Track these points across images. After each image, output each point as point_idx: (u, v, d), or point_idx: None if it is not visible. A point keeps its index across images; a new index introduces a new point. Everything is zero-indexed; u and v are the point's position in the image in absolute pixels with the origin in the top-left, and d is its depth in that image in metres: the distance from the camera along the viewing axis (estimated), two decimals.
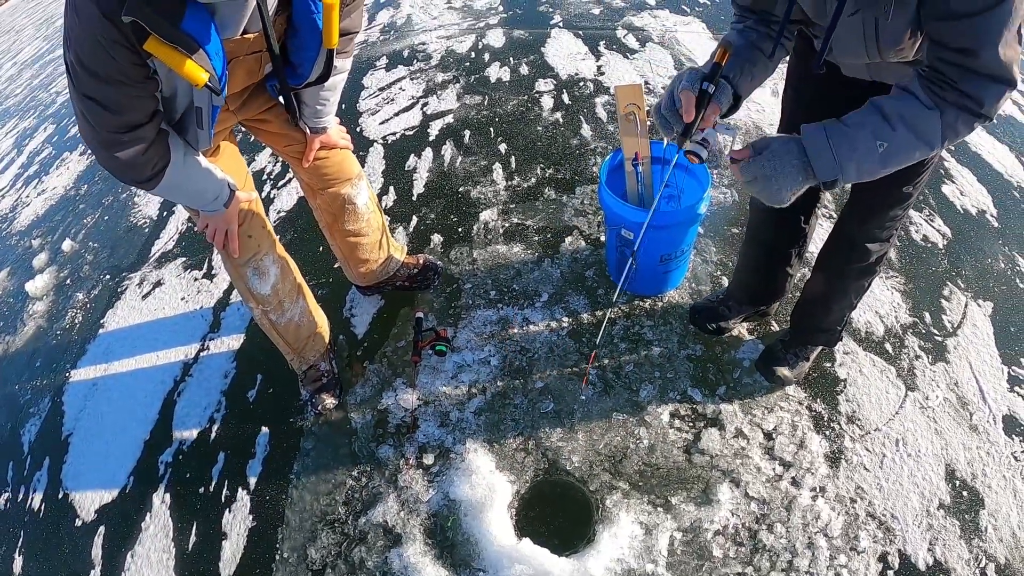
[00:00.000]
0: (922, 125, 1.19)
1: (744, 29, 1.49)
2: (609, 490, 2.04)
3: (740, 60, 1.44)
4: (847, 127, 1.24)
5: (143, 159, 1.45)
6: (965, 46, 1.11)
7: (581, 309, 2.56)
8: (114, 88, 1.31)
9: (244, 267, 2.03)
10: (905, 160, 1.26)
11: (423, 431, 2.25)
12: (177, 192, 1.67)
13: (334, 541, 2.02)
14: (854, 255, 1.87)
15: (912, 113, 1.19)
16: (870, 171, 1.27)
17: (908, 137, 1.20)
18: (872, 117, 1.22)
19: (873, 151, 1.22)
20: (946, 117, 1.18)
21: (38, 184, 4.46)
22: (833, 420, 2.15)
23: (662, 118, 1.40)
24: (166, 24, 1.22)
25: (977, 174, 3.00)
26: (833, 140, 1.24)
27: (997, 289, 2.51)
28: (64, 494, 2.34)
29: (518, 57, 4.21)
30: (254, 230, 2.01)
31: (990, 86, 1.14)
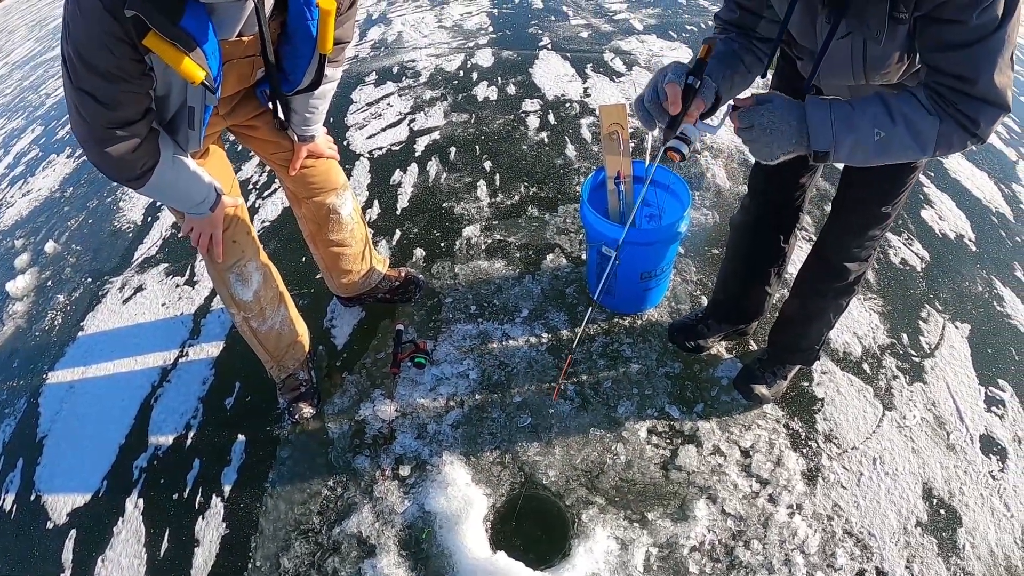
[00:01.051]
0: (921, 127, 1.21)
1: (726, 39, 1.50)
2: (585, 505, 2.02)
3: (722, 65, 1.44)
4: (851, 107, 1.25)
5: (132, 156, 1.45)
6: (962, 74, 1.14)
7: (560, 325, 2.56)
8: (111, 83, 1.32)
9: (227, 272, 2.01)
10: (897, 155, 1.27)
11: (400, 442, 2.22)
12: (164, 192, 1.66)
13: (307, 551, 1.98)
14: (832, 274, 1.89)
15: (914, 113, 1.21)
16: (862, 156, 1.27)
17: (905, 134, 1.22)
18: (876, 106, 1.23)
19: (870, 137, 1.24)
20: (944, 126, 1.21)
21: (23, 185, 4.42)
22: (810, 438, 2.15)
23: (645, 112, 1.37)
24: (166, 20, 1.24)
25: (956, 200, 3.05)
26: (835, 114, 1.24)
27: (975, 311, 2.54)
28: (36, 496, 2.30)
29: (506, 77, 4.25)
30: (238, 236, 1.99)
31: (987, 109, 1.17)
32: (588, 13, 5.12)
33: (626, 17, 4.95)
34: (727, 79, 1.44)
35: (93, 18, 1.24)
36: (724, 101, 1.45)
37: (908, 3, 1.14)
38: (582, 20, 4.97)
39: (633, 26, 4.80)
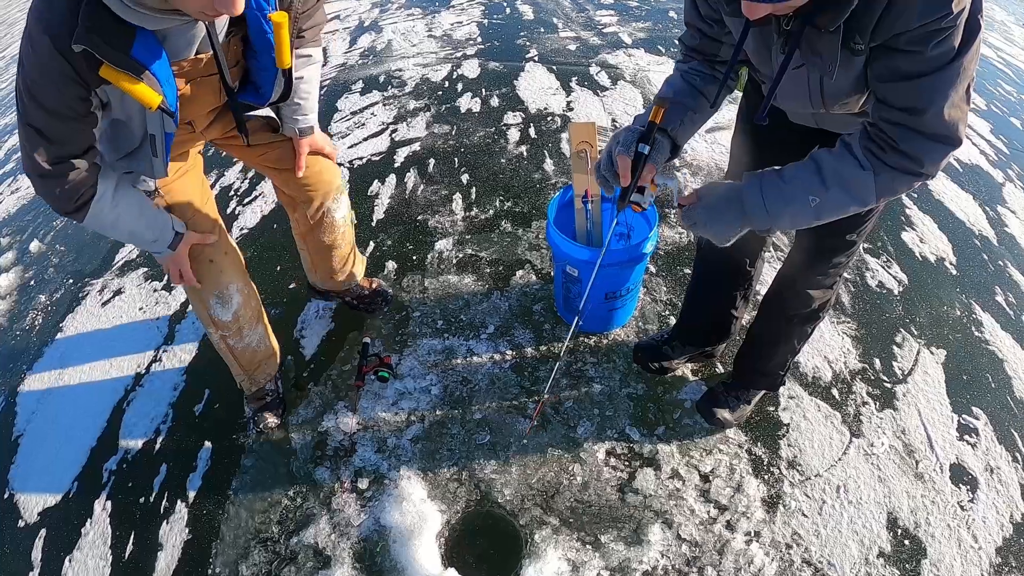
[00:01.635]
0: (855, 185, 1.21)
1: (688, 72, 1.51)
2: (539, 525, 1.99)
3: (682, 109, 1.45)
4: (782, 182, 1.28)
5: (67, 190, 1.46)
6: (910, 105, 1.12)
7: (526, 343, 2.52)
8: (57, 120, 1.34)
9: (207, 295, 1.99)
10: (839, 214, 1.29)
11: (360, 455, 2.21)
12: (110, 229, 1.64)
13: (265, 559, 1.97)
14: (796, 301, 1.85)
15: (847, 173, 1.21)
16: (805, 222, 1.31)
17: (840, 195, 1.23)
18: (808, 173, 1.26)
19: (805, 205, 1.26)
20: (881, 178, 1.20)
21: (12, 182, 4.38)
22: (773, 464, 2.10)
23: (602, 177, 1.44)
24: (115, 51, 1.26)
25: (938, 222, 3.00)
26: (767, 193, 1.28)
27: (952, 337, 2.49)
28: (10, 494, 2.29)
29: (490, 89, 4.24)
30: (216, 255, 1.94)
31: (932, 146, 1.14)
32: (578, 26, 5.11)
33: (616, 31, 4.94)
34: (688, 122, 1.48)
35: (43, 56, 1.25)
36: (685, 141, 1.51)
37: (864, 33, 1.11)
38: (571, 32, 4.96)
39: (622, 40, 4.78)
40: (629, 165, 1.36)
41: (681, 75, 1.51)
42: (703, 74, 1.50)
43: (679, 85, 1.50)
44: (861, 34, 1.11)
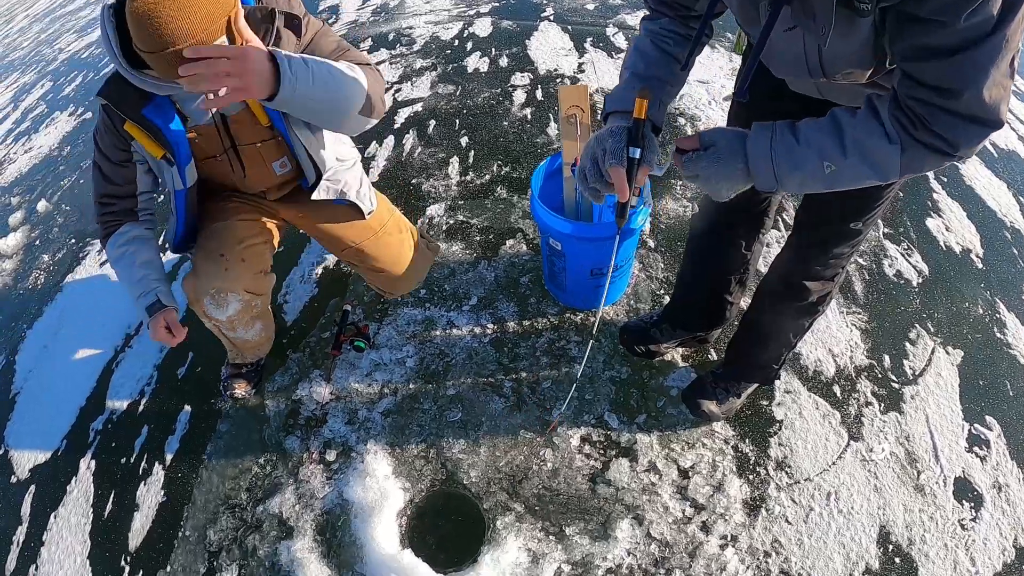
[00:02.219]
0: (879, 157, 1.04)
1: (659, 33, 1.30)
2: (503, 511, 1.90)
3: (659, 86, 1.26)
4: (796, 142, 1.09)
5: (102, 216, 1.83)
6: (943, 85, 0.92)
7: (508, 317, 2.39)
8: (105, 161, 1.74)
9: (202, 295, 1.89)
10: (854, 184, 1.11)
11: (330, 426, 2.17)
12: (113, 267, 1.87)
13: (232, 525, 1.98)
14: (792, 293, 1.68)
15: (871, 143, 1.03)
16: (813, 188, 1.15)
17: (860, 165, 1.06)
18: (827, 136, 1.07)
19: (819, 171, 1.08)
20: (908, 154, 1.01)
21: (27, 142, 4.46)
22: (760, 464, 1.96)
23: (592, 190, 1.24)
24: (130, 109, 1.58)
25: (967, 209, 2.76)
26: (776, 152, 1.10)
27: (971, 337, 2.28)
28: (5, 451, 2.36)
29: (500, 48, 4.05)
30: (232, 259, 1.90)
31: (969, 128, 0.95)
32: None
33: None
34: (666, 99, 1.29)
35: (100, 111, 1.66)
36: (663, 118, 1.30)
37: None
38: None
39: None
40: (624, 177, 1.16)
41: (651, 40, 1.30)
42: (676, 35, 1.29)
43: (651, 54, 1.29)
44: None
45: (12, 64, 6.28)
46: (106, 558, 1.98)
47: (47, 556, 2.02)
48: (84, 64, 5.47)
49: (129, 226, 1.82)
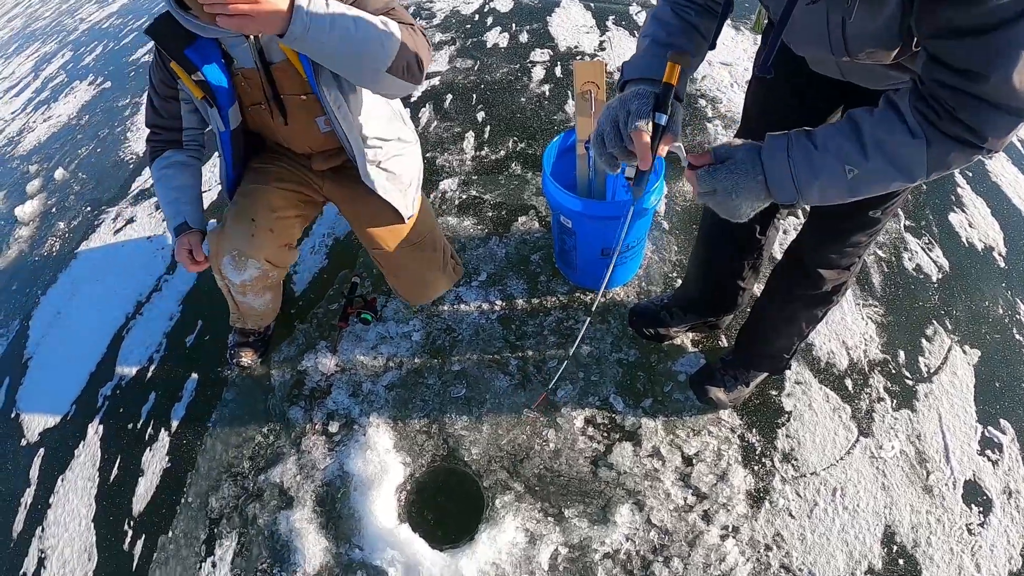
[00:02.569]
0: (903, 156, 0.97)
1: (680, 4, 1.23)
2: (502, 489, 1.88)
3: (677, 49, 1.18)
4: (813, 148, 1.03)
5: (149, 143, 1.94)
6: (970, 68, 0.86)
7: (517, 294, 2.36)
8: (155, 93, 1.82)
9: (223, 253, 1.90)
10: (879, 189, 1.05)
11: (334, 398, 2.17)
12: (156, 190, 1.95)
13: (233, 494, 1.99)
14: (806, 281, 1.63)
15: (894, 141, 0.97)
16: (837, 196, 1.06)
17: (884, 168, 0.99)
18: (845, 139, 1.01)
19: (840, 177, 1.02)
20: (935, 149, 0.95)
21: (46, 111, 4.49)
22: (766, 455, 1.92)
23: (608, 156, 1.13)
24: (173, 48, 1.62)
25: (992, 206, 2.69)
26: (794, 161, 1.03)
27: (989, 337, 2.22)
28: (16, 414, 2.39)
29: (521, 24, 3.98)
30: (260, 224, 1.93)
31: (998, 117, 0.89)
32: None
33: None
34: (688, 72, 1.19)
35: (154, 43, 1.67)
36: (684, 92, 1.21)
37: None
38: None
39: None
40: (648, 143, 1.06)
41: (672, 8, 1.23)
42: (697, 6, 1.23)
43: (672, 23, 1.22)
44: None
45: (34, 34, 6.30)
46: (110, 522, 2.00)
47: (53, 518, 2.04)
48: (105, 34, 5.47)
49: (173, 151, 1.91)
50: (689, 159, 1.10)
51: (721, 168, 1.07)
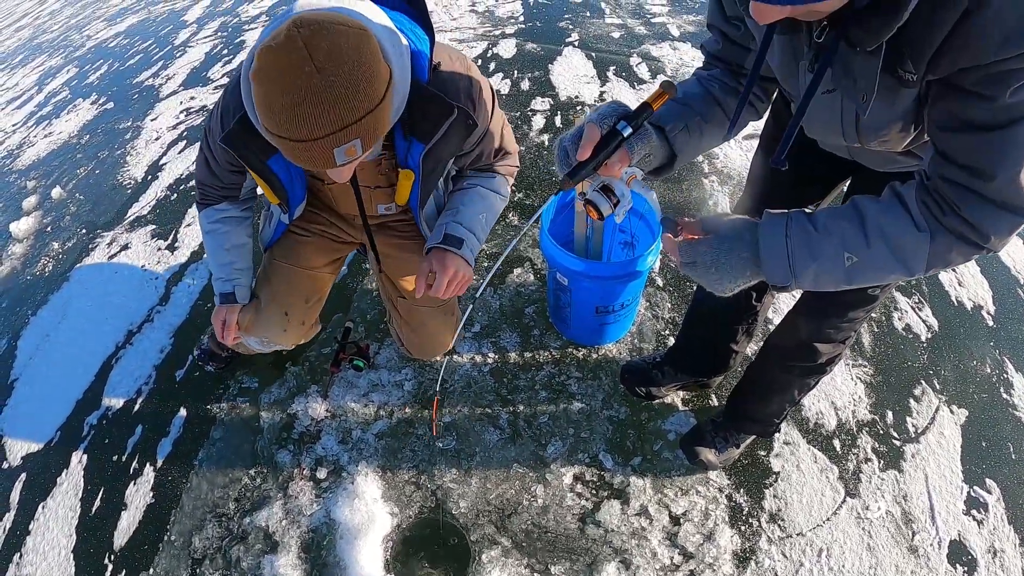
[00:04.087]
0: (906, 247, 0.97)
1: (707, 78, 1.27)
2: (489, 544, 1.89)
3: (689, 112, 1.20)
4: (815, 231, 1.01)
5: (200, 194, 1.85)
6: (976, 165, 0.88)
7: (510, 347, 2.39)
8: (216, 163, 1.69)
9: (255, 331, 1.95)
10: (875, 279, 1.04)
11: (323, 443, 2.17)
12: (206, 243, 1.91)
13: (218, 534, 1.99)
14: (801, 353, 1.65)
15: (897, 231, 0.96)
16: (832, 284, 1.04)
17: (884, 257, 0.98)
18: (848, 224, 0.99)
19: (839, 264, 1.00)
20: (937, 243, 0.95)
21: (47, 126, 4.51)
22: (753, 516, 1.94)
23: (562, 150, 1.13)
24: (254, 159, 1.52)
25: (981, 265, 2.73)
26: (792, 243, 1.01)
27: (976, 396, 2.25)
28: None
29: (523, 71, 4.05)
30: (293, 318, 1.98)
31: (1001, 216, 0.90)
32: (626, 12, 4.83)
33: (664, 21, 4.66)
34: (694, 130, 1.20)
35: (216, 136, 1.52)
36: (685, 158, 1.22)
37: (919, 60, 0.88)
38: (617, 19, 4.70)
39: (669, 31, 4.51)
40: (595, 137, 1.05)
41: (697, 79, 1.28)
42: (724, 84, 1.26)
43: (692, 88, 1.25)
44: (915, 61, 0.88)
45: (40, 46, 6.35)
46: (90, 554, 1.99)
47: (32, 545, 2.03)
48: (111, 54, 5.51)
49: (227, 205, 1.85)
50: (680, 226, 1.09)
51: (702, 242, 1.05)
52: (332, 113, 1.12)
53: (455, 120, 1.46)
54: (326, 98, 1.10)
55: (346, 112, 1.13)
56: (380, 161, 1.63)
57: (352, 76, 1.12)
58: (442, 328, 2.12)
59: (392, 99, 1.25)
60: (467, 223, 1.70)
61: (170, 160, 3.72)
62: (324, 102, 1.10)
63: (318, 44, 1.09)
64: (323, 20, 1.12)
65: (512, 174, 1.85)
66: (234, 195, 1.84)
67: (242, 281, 1.88)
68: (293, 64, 1.09)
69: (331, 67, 1.10)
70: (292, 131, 1.13)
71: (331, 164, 1.20)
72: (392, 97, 1.24)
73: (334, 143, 1.16)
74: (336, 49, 1.11)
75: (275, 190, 1.63)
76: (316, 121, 1.11)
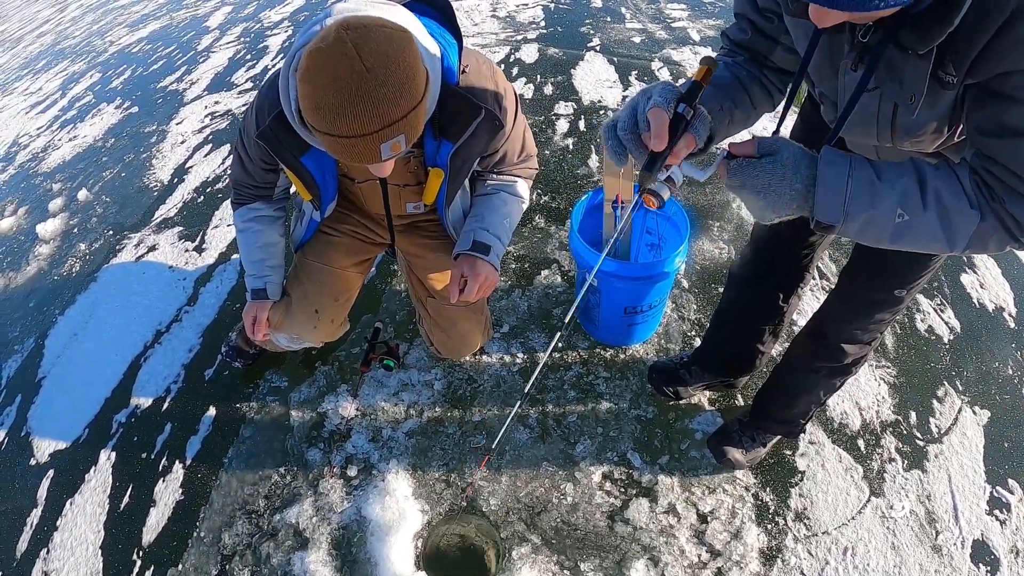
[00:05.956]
0: (956, 220, 0.95)
1: (732, 64, 1.25)
2: (519, 541, 1.93)
3: (722, 95, 1.17)
4: (876, 178, 0.97)
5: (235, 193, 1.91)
6: (1016, 169, 0.89)
7: (539, 348, 2.43)
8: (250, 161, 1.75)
9: (287, 328, 2.01)
10: (915, 245, 1.01)
11: (353, 442, 2.21)
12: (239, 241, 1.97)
13: (248, 531, 2.02)
14: (828, 354, 1.67)
15: (953, 201, 0.95)
16: (873, 237, 1.01)
17: (935, 223, 0.96)
18: (908, 181, 0.96)
19: (890, 218, 0.96)
20: (984, 224, 0.95)
21: (72, 130, 4.57)
22: (779, 514, 1.97)
23: (616, 143, 1.04)
24: (289, 156, 1.58)
25: (1002, 267, 2.75)
26: (853, 185, 0.96)
27: (999, 397, 2.27)
28: (26, 432, 2.41)
29: (546, 76, 4.09)
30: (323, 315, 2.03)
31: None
32: (646, 17, 4.88)
33: (685, 26, 4.69)
34: (725, 112, 1.18)
35: (250, 134, 1.60)
36: (718, 140, 1.19)
37: (960, 63, 0.88)
38: (638, 24, 4.74)
39: (690, 36, 4.54)
40: (666, 123, 0.96)
41: (724, 65, 1.22)
42: (749, 72, 1.23)
43: (720, 73, 1.20)
44: (956, 64, 0.89)
45: (63, 52, 6.43)
46: (118, 549, 2.02)
47: (59, 540, 2.07)
48: (134, 59, 5.58)
49: (261, 204, 1.91)
50: (729, 146, 1.03)
51: (757, 164, 0.98)
52: (381, 110, 1.19)
53: (482, 121, 1.54)
54: (375, 97, 1.18)
55: (393, 109, 1.21)
56: (408, 159, 1.68)
57: (398, 75, 1.20)
58: (472, 328, 2.16)
59: (428, 98, 1.33)
60: (493, 229, 1.81)
61: (196, 163, 3.78)
62: (373, 100, 1.18)
63: (366, 45, 1.17)
64: (369, 23, 1.20)
65: (532, 177, 1.94)
66: (267, 194, 1.90)
67: (274, 278, 1.95)
68: (344, 64, 1.16)
69: (379, 67, 1.17)
70: (342, 128, 1.21)
71: (377, 159, 1.28)
72: (428, 96, 1.33)
73: (381, 139, 1.24)
74: (383, 50, 1.18)
75: (308, 187, 1.68)
76: (366, 118, 1.19)
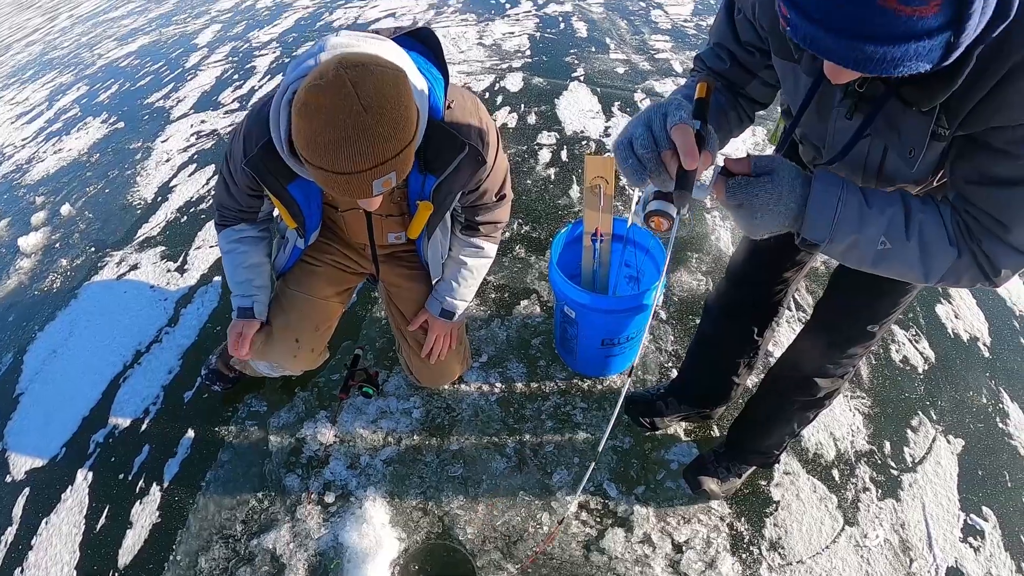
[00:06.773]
0: (935, 254, 1.00)
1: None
2: (495, 569, 1.93)
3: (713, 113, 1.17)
4: (866, 204, 0.99)
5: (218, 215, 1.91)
6: (997, 216, 0.94)
7: (517, 378, 2.44)
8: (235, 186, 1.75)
9: (266, 355, 2.01)
10: (893, 272, 1.05)
11: (331, 468, 2.20)
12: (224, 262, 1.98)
13: (224, 556, 2.00)
14: (801, 388, 1.70)
15: (933, 236, 0.99)
16: (855, 260, 1.05)
17: (915, 254, 1.00)
18: (895, 211, 0.99)
19: (872, 243, 1.00)
20: (959, 262, 1.00)
21: (57, 142, 4.54)
22: (754, 544, 1.98)
23: (636, 163, 0.98)
24: (275, 184, 1.60)
25: (977, 297, 2.79)
26: (843, 208, 0.98)
27: (972, 426, 2.30)
28: (3, 449, 2.39)
29: (529, 105, 4.14)
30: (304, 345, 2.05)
31: (1013, 257, 0.97)
32: (630, 48, 4.95)
33: (668, 57, 4.77)
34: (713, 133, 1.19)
35: (237, 161, 1.61)
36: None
37: (953, 117, 0.92)
38: (622, 55, 4.81)
39: (672, 67, 4.62)
40: (694, 141, 0.92)
41: None
42: (727, 98, 1.25)
43: None
44: (949, 118, 0.93)
45: (51, 63, 6.40)
46: (94, 571, 2.00)
47: (34, 560, 2.05)
48: (121, 73, 5.57)
49: (246, 226, 1.92)
50: (726, 162, 1.02)
51: (757, 182, 0.99)
52: (376, 149, 1.22)
53: (466, 156, 1.58)
54: (371, 135, 1.21)
55: (387, 148, 1.24)
56: (393, 190, 1.71)
57: (393, 115, 1.22)
58: (451, 357, 2.18)
59: (419, 135, 1.36)
60: (460, 295, 2.03)
61: (180, 182, 3.77)
62: (369, 139, 1.21)
63: (364, 84, 1.19)
64: (367, 62, 1.22)
65: (498, 232, 2.03)
66: (252, 217, 1.91)
67: (261, 297, 1.95)
68: (341, 102, 1.18)
69: (375, 107, 1.20)
70: (338, 165, 1.23)
71: (368, 194, 1.31)
72: (419, 133, 1.36)
73: (374, 176, 1.26)
74: (380, 90, 1.21)
75: (293, 215, 1.71)
76: (361, 156, 1.22)
